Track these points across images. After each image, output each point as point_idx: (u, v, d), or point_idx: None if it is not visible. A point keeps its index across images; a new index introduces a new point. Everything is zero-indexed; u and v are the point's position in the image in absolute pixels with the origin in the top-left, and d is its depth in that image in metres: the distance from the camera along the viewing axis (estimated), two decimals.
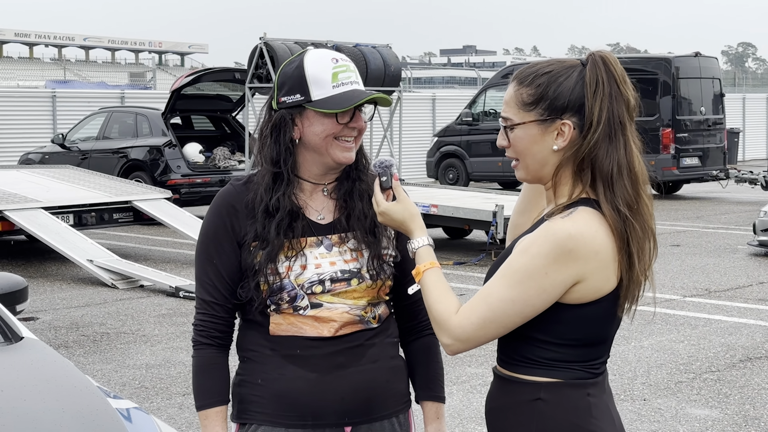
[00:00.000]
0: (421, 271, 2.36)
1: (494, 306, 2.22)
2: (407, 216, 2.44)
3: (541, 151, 2.28)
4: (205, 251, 2.60)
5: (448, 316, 2.26)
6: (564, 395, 2.27)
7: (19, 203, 11.76)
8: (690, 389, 6.71)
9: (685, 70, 20.50)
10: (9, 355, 3.35)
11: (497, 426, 2.36)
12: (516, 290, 2.20)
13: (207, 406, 2.57)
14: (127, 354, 7.80)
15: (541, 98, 2.26)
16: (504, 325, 2.24)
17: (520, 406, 2.29)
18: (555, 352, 2.27)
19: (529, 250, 2.21)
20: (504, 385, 2.34)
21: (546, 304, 2.22)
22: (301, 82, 2.53)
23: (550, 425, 2.26)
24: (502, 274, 2.24)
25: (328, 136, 2.53)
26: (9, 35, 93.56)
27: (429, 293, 2.32)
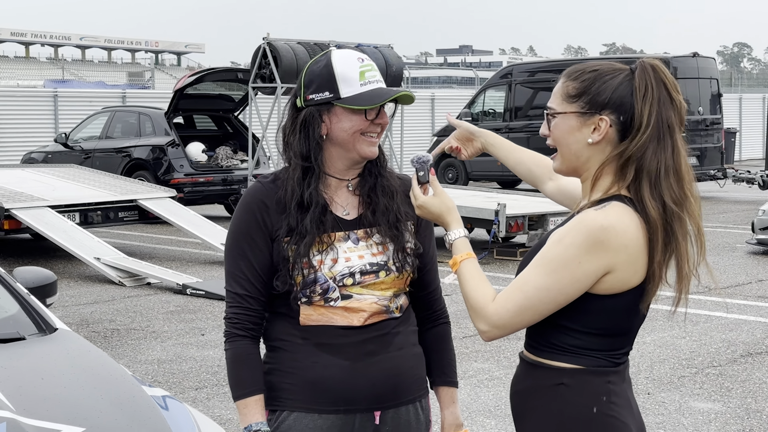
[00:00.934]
0: (458, 261, 2.48)
1: (530, 294, 2.34)
2: (444, 209, 2.56)
3: (577, 143, 2.41)
4: (238, 246, 2.70)
5: (485, 303, 2.38)
6: (585, 381, 2.39)
7: (26, 202, 11.87)
8: (693, 383, 6.85)
9: (683, 70, 20.62)
10: (45, 345, 3.47)
11: (521, 408, 2.48)
12: (551, 279, 2.33)
13: (246, 395, 2.65)
14: (138, 350, 7.91)
15: (584, 92, 2.40)
16: (539, 312, 2.36)
17: (543, 389, 2.41)
18: (580, 340, 2.39)
19: (563, 241, 2.34)
20: (529, 370, 2.47)
21: (578, 292, 2.34)
22: (330, 80, 2.65)
23: (571, 409, 2.38)
24: (538, 263, 2.36)
25: (355, 132, 2.65)
26: (5, 34, 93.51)
27: (466, 282, 2.44)
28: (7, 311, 3.66)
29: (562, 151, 2.45)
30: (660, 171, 2.35)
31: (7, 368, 3.20)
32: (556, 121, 2.44)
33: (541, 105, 22.05)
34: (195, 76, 16.81)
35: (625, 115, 2.37)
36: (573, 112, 2.41)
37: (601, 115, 2.38)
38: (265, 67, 15.28)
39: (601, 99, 2.38)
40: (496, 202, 12.26)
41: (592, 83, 2.40)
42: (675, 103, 2.38)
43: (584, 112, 2.40)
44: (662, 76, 2.38)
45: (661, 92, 2.36)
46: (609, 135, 2.39)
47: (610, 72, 2.41)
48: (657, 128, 2.35)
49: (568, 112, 2.41)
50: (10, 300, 3.72)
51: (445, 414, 2.83)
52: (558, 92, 2.44)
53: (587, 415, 2.38)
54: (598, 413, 2.38)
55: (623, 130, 2.38)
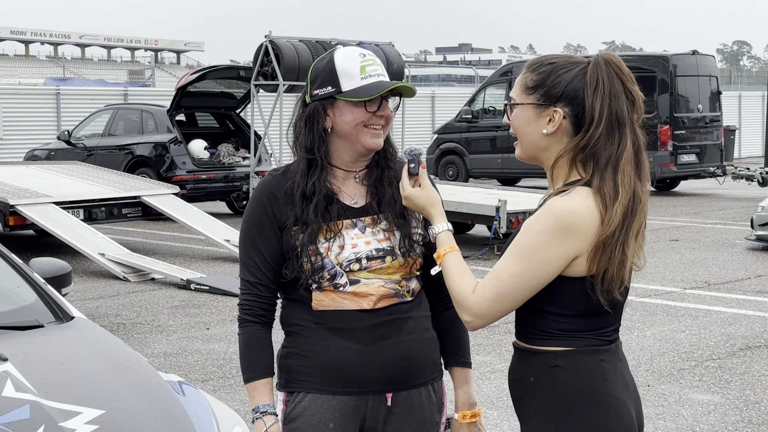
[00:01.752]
0: (441, 254, 2.58)
1: (504, 281, 2.44)
2: (428, 202, 2.67)
3: (533, 133, 2.51)
4: (249, 237, 2.82)
5: (467, 295, 2.48)
6: (579, 361, 2.47)
7: (31, 198, 11.96)
8: (692, 376, 6.95)
9: (682, 68, 20.72)
10: (63, 332, 3.57)
11: (520, 394, 2.57)
12: (522, 265, 2.42)
13: (255, 378, 2.77)
14: (144, 343, 8.01)
15: (540, 84, 2.50)
16: (515, 299, 2.46)
17: (539, 374, 2.50)
18: (567, 323, 2.48)
19: (532, 228, 2.44)
20: (523, 357, 2.56)
21: (550, 276, 2.43)
22: (332, 75, 2.77)
23: (568, 389, 2.46)
24: (510, 251, 2.46)
25: (358, 124, 2.76)
26: (5, 33, 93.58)
27: (449, 275, 2.54)
28: (25, 300, 3.76)
29: (521, 140, 2.56)
30: (606, 163, 2.44)
31: (28, 354, 3.30)
32: (516, 111, 2.54)
33: None
34: (197, 73, 16.91)
35: (578, 108, 2.47)
36: (530, 104, 2.51)
37: (555, 107, 2.48)
38: (267, 65, 15.37)
39: (555, 92, 2.48)
40: (497, 198, 12.35)
41: (548, 76, 2.49)
42: (631, 95, 2.46)
43: (540, 103, 2.50)
44: (616, 70, 2.46)
45: (613, 86, 2.44)
46: (563, 126, 2.48)
47: (566, 65, 2.50)
48: (608, 121, 2.43)
49: (525, 103, 2.52)
50: (28, 289, 3.82)
51: (458, 393, 2.93)
52: (518, 83, 2.55)
53: (584, 393, 2.46)
54: (594, 391, 2.46)
55: (577, 122, 2.47)
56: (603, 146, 2.44)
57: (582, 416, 2.45)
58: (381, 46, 15.82)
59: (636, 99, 2.48)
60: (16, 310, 3.69)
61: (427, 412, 2.86)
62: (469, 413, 2.91)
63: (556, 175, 2.52)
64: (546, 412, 2.48)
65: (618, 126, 2.45)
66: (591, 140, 2.44)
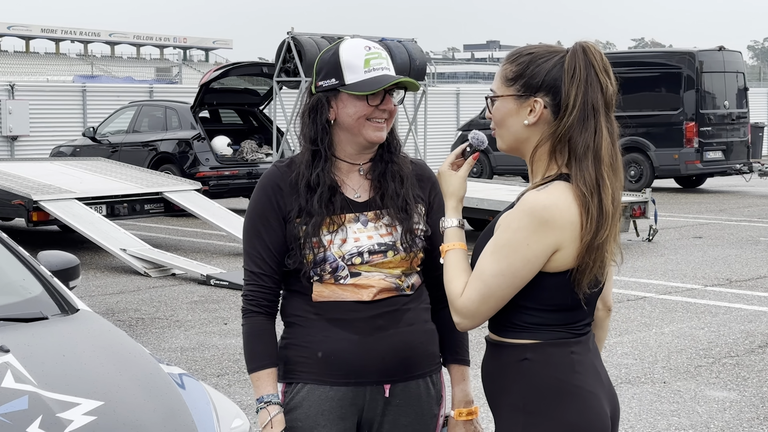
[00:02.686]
0: (444, 250, 2.56)
1: (488, 281, 2.42)
2: (449, 191, 2.61)
3: (515, 125, 2.49)
4: (253, 227, 2.83)
5: (456, 296, 2.47)
6: (548, 354, 2.46)
7: (54, 194, 12.05)
8: (709, 373, 6.90)
9: (708, 64, 20.57)
10: (67, 324, 3.60)
11: (491, 388, 2.56)
12: (504, 264, 2.40)
13: (259, 368, 2.78)
14: (162, 338, 8.05)
15: (520, 75, 2.48)
16: (500, 298, 2.44)
17: (509, 367, 2.49)
18: (538, 317, 2.47)
19: (510, 225, 2.41)
20: (494, 350, 2.55)
21: (532, 273, 2.41)
22: (336, 67, 2.77)
23: (537, 382, 2.45)
24: (491, 250, 2.44)
25: (360, 117, 2.76)
26: (36, 31, 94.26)
27: (446, 273, 2.53)
28: (31, 292, 3.79)
29: (501, 132, 2.53)
30: (581, 152, 2.42)
31: (30, 346, 3.33)
32: (497, 104, 2.52)
33: None
34: (220, 70, 16.97)
35: (558, 97, 2.45)
36: (510, 95, 2.49)
37: (535, 97, 2.46)
38: (290, 62, 15.41)
39: (534, 82, 2.46)
40: (517, 195, 12.30)
41: (527, 66, 2.48)
42: (602, 86, 2.44)
43: (520, 95, 2.48)
44: (591, 58, 2.44)
45: (589, 74, 2.42)
46: (544, 116, 2.46)
47: (545, 55, 2.49)
48: (582, 109, 2.42)
49: (506, 95, 2.50)
50: (34, 282, 3.85)
51: (455, 391, 2.92)
52: (498, 76, 2.53)
53: (554, 385, 2.44)
54: (563, 383, 2.44)
55: (557, 111, 2.45)
56: (578, 134, 2.42)
57: (551, 408, 2.44)
58: (403, 42, 15.82)
59: (605, 89, 2.45)
60: (21, 302, 3.71)
61: (425, 404, 2.86)
62: (465, 411, 2.90)
63: (536, 167, 2.50)
64: (516, 405, 2.47)
65: (593, 114, 2.43)
66: (565, 127, 2.42)
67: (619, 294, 9.68)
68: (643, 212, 13.07)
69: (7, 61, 68.42)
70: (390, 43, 15.60)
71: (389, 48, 15.35)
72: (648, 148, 20.44)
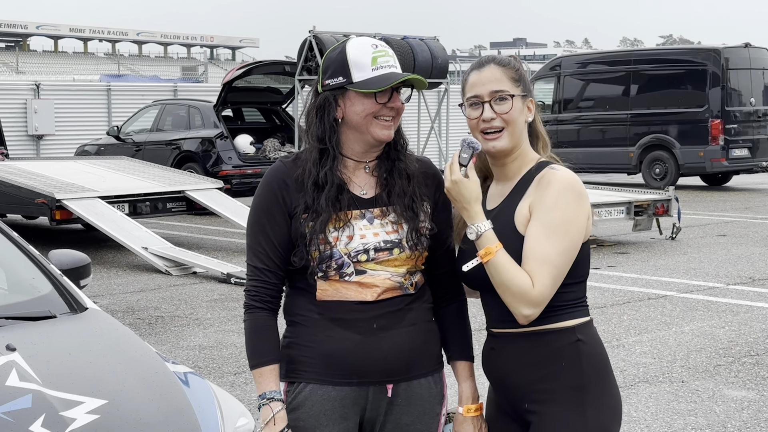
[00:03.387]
0: (493, 251, 2.61)
1: (557, 262, 2.57)
2: (474, 196, 2.68)
3: (522, 122, 2.74)
4: (258, 222, 2.83)
5: (528, 288, 2.57)
6: (592, 331, 2.69)
7: (77, 193, 12.12)
8: (728, 372, 6.85)
9: (734, 61, 20.41)
10: (75, 323, 3.62)
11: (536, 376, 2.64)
12: (565, 240, 2.58)
13: (261, 364, 2.78)
14: (181, 336, 8.08)
15: (520, 78, 2.73)
16: (563, 275, 2.61)
17: (561, 351, 2.62)
18: (573, 292, 2.64)
19: (557, 203, 2.60)
20: (537, 339, 2.64)
21: (581, 243, 2.63)
22: (343, 65, 2.77)
23: (593, 361, 2.64)
24: (546, 233, 2.57)
25: (368, 115, 2.76)
26: (64, 30, 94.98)
27: (506, 270, 2.60)
28: (40, 291, 3.81)
29: (513, 130, 2.72)
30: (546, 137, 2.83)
31: (37, 344, 3.34)
32: (514, 103, 2.71)
33: (590, 97, 21.99)
34: (243, 69, 17.02)
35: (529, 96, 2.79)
36: (519, 95, 2.73)
37: (531, 97, 2.75)
38: (311, 60, 15.43)
39: (527, 85, 2.76)
40: None
41: (519, 70, 2.75)
42: None
43: (524, 95, 2.74)
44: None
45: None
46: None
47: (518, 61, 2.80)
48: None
49: (518, 95, 2.72)
50: (44, 280, 3.87)
51: (462, 387, 2.92)
52: (503, 77, 2.73)
53: (604, 361, 2.67)
54: (606, 357, 2.68)
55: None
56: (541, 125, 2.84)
57: (607, 382, 2.66)
58: (425, 41, 15.79)
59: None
60: (30, 300, 3.74)
61: (427, 404, 2.86)
62: (473, 407, 2.90)
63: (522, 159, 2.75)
64: (577, 386, 2.62)
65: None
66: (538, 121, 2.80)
67: (639, 292, 9.63)
68: (666, 210, 13.00)
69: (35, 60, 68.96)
70: (412, 41, 15.58)
71: (411, 47, 15.34)
72: (673, 145, 20.33)
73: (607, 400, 2.65)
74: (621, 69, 21.52)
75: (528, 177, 2.69)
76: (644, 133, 20.82)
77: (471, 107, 2.74)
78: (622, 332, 8.00)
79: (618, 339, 7.76)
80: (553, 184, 2.61)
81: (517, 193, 2.69)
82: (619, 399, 2.71)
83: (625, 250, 12.53)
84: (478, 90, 2.71)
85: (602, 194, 13.22)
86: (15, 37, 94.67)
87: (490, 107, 2.68)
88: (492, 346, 2.79)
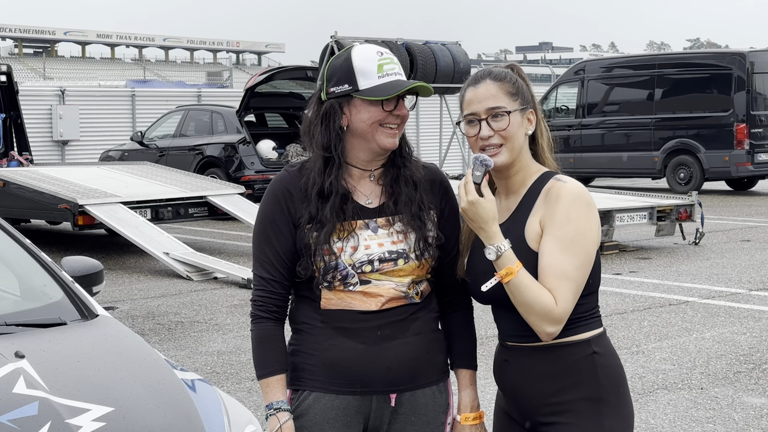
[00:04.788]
0: (515, 270, 2.59)
1: (575, 277, 2.56)
2: (492, 216, 2.63)
3: (522, 136, 2.71)
4: (263, 232, 2.82)
5: (552, 307, 2.56)
6: (606, 342, 2.68)
7: (99, 198, 12.19)
8: (748, 379, 6.79)
9: (760, 64, 20.26)
10: (85, 330, 3.63)
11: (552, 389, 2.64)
12: (582, 254, 2.57)
13: (268, 374, 2.78)
14: (200, 341, 8.10)
15: (518, 91, 2.69)
16: (582, 289, 2.61)
17: (578, 363, 2.62)
18: (586, 304, 2.62)
19: (569, 218, 2.58)
20: (553, 351, 2.63)
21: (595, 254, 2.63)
22: (349, 73, 2.75)
23: (609, 372, 2.63)
24: (562, 249, 2.56)
25: (374, 122, 2.75)
26: (91, 36, 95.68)
27: (529, 290, 2.58)
28: (51, 298, 3.83)
29: (512, 145, 2.69)
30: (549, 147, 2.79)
31: (46, 351, 3.36)
32: (512, 118, 2.68)
33: (614, 101, 21.89)
34: (265, 74, 17.07)
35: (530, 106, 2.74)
36: (517, 110, 2.69)
37: (531, 109, 2.72)
38: None
39: (527, 96, 2.72)
40: None
41: (516, 83, 2.71)
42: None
43: (524, 108, 2.71)
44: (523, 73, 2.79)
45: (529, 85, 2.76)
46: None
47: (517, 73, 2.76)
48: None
49: (516, 110, 2.69)
50: (55, 287, 3.89)
51: (462, 395, 2.91)
52: (499, 92, 2.69)
53: (619, 373, 2.67)
54: (621, 368, 2.68)
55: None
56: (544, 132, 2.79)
57: (620, 393, 2.66)
58: (447, 45, 15.78)
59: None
60: (41, 307, 3.75)
61: (431, 413, 2.85)
62: (471, 415, 2.89)
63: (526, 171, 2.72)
64: (594, 398, 2.62)
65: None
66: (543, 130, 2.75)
67: (661, 298, 9.57)
68: (690, 215, 12.92)
69: (62, 66, 69.46)
70: (434, 46, 15.57)
71: (433, 52, 15.32)
72: (698, 150, 20.21)
73: (622, 410, 2.66)
74: (645, 73, 21.42)
75: (534, 190, 2.67)
76: (669, 137, 20.71)
77: (468, 125, 2.72)
78: (642, 338, 7.95)
79: (638, 345, 7.71)
80: (563, 197, 2.59)
81: (524, 208, 2.66)
82: (632, 408, 2.72)
83: (648, 255, 12.46)
84: (475, 107, 2.69)
85: (624, 199, 13.15)
86: (43, 43, 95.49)
87: (487, 125, 2.66)
88: (505, 357, 2.77)
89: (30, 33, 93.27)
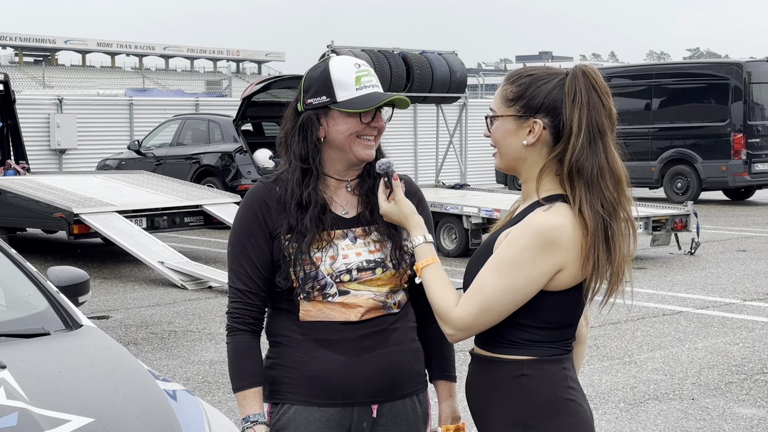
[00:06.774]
0: (419, 267, 2.59)
1: (489, 296, 2.44)
2: (402, 217, 2.68)
3: (514, 144, 2.53)
4: (239, 244, 2.82)
5: (449, 309, 2.49)
6: (545, 370, 2.50)
7: (95, 207, 12.19)
8: (740, 389, 6.78)
9: (757, 74, 20.30)
10: (68, 340, 3.63)
11: (483, 404, 2.56)
12: (507, 280, 2.43)
13: (245, 387, 2.77)
14: (193, 351, 8.09)
15: (520, 96, 2.51)
16: (499, 313, 2.46)
17: (506, 383, 2.51)
18: (536, 334, 2.50)
19: (517, 243, 2.44)
20: (486, 366, 2.56)
21: (534, 291, 2.45)
22: (327, 85, 2.76)
23: (535, 397, 2.48)
24: (494, 266, 2.45)
25: (351, 134, 2.75)
26: (92, 45, 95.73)
27: (429, 288, 2.55)
28: (35, 308, 3.83)
29: (501, 151, 2.56)
30: (596, 173, 2.44)
31: (28, 362, 3.36)
32: (497, 123, 2.55)
33: None
34: (262, 84, 17.08)
35: (557, 119, 2.48)
36: (510, 116, 2.52)
37: (535, 118, 2.49)
38: None
39: (534, 103, 2.49)
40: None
41: (527, 88, 2.51)
42: (606, 108, 2.47)
43: (520, 115, 2.51)
44: (593, 82, 2.47)
45: (591, 97, 2.46)
46: (543, 137, 2.49)
47: (545, 77, 2.52)
48: (588, 132, 2.45)
49: (506, 115, 2.53)
50: (40, 297, 3.89)
51: (442, 407, 2.91)
52: (498, 95, 2.56)
53: (551, 401, 2.49)
54: (559, 398, 2.49)
55: (556, 133, 2.49)
56: (588, 157, 2.45)
57: (549, 422, 2.48)
58: (443, 55, 15.79)
59: (611, 112, 2.49)
60: (25, 317, 3.75)
61: (412, 424, 2.85)
62: (452, 427, 2.88)
63: (540, 187, 2.53)
64: (514, 420, 2.50)
65: (600, 136, 2.46)
66: (574, 151, 2.44)
67: (654, 308, 9.57)
68: (685, 225, 12.93)
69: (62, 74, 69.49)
70: (430, 56, 15.58)
71: (429, 61, 15.33)
72: (695, 160, 20.24)
73: None
74: (643, 83, 21.45)
75: (532, 207, 2.55)
76: (666, 147, 20.73)
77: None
78: (635, 348, 7.95)
79: (630, 355, 7.71)
80: (524, 223, 2.45)
81: (514, 220, 2.58)
82: None
83: (643, 265, 12.46)
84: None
85: None
86: (43, 52, 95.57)
87: (487, 124, 2.61)
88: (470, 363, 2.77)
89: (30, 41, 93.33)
